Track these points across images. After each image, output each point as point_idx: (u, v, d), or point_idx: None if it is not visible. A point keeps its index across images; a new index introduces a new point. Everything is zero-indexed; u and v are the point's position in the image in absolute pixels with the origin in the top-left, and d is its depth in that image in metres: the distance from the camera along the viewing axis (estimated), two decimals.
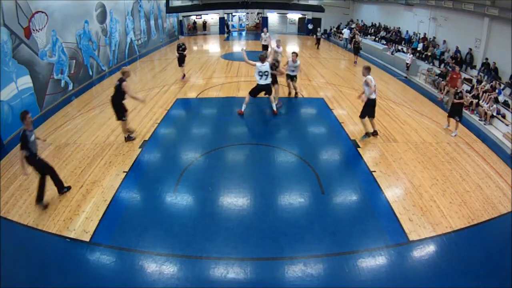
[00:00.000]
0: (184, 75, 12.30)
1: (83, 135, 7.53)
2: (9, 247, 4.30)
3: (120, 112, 6.94)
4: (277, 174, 6.06)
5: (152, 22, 19.82)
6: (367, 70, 7.12)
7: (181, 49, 11.65)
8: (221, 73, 13.37)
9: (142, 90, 11.07)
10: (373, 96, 7.04)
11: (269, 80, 8.30)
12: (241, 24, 30.45)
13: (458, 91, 7.67)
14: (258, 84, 8.32)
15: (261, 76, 8.19)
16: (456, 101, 7.65)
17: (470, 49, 12.04)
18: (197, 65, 15.01)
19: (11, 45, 7.80)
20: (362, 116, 7.26)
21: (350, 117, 8.79)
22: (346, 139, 7.47)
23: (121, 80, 6.70)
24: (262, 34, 15.14)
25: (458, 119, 7.76)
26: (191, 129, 8.08)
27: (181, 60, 11.83)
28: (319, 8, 17.80)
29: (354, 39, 16.26)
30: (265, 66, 8.15)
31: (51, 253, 4.21)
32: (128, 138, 7.22)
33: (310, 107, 9.71)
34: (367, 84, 6.98)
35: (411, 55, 13.85)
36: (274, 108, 8.64)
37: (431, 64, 13.71)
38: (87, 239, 4.41)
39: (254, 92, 8.50)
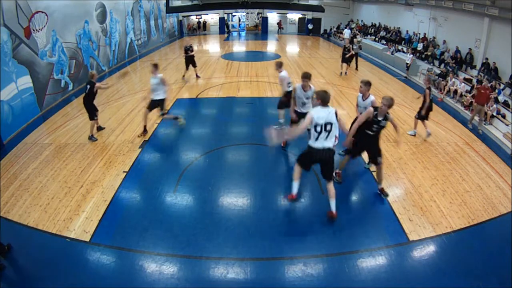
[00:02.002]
0: (197, 75, 12.47)
1: (83, 135, 7.53)
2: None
3: (92, 112, 7.26)
4: (277, 174, 6.06)
5: (152, 22, 19.83)
6: (367, 85, 5.58)
7: (190, 50, 11.62)
8: (221, 73, 13.38)
9: (142, 90, 11.06)
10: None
11: (331, 143, 4.40)
12: (240, 24, 30.46)
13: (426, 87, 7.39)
14: (310, 148, 4.47)
15: (319, 132, 4.33)
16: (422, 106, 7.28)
17: (470, 49, 12.04)
18: (197, 65, 14.99)
19: (11, 45, 7.80)
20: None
21: (350, 117, 8.78)
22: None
23: (92, 83, 7.07)
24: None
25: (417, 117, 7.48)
26: (191, 129, 8.08)
27: (190, 62, 11.90)
28: (319, 8, 17.81)
29: (345, 46, 12.98)
30: (329, 114, 4.30)
31: (51, 253, 4.21)
32: (92, 137, 7.33)
33: None
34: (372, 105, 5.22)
35: (411, 55, 13.86)
36: (333, 208, 4.71)
37: (431, 64, 13.72)
38: (87, 239, 4.41)
39: (303, 162, 4.74)
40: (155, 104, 7.25)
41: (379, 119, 4.87)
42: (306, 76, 5.67)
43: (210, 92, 10.76)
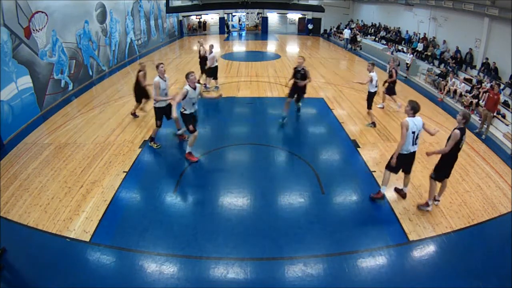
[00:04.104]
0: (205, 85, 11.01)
1: (83, 135, 7.53)
2: (9, 247, 4.29)
3: (137, 96, 8.21)
4: (277, 174, 6.06)
5: (152, 22, 19.83)
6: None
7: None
8: (221, 73, 13.34)
9: None
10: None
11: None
12: (241, 24, 30.47)
13: (389, 70, 9.28)
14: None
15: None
16: (389, 80, 9.15)
17: (470, 49, 12.04)
18: (197, 65, 14.99)
19: (11, 45, 7.80)
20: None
21: (350, 117, 8.80)
22: (346, 139, 7.47)
23: (139, 70, 7.90)
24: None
25: (394, 95, 9.38)
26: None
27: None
28: (319, 8, 17.79)
29: (296, 68, 8.18)
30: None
31: (51, 253, 4.22)
32: (134, 115, 8.52)
33: (310, 107, 9.71)
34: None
35: (411, 55, 13.85)
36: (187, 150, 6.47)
37: (431, 64, 13.72)
38: (87, 239, 4.41)
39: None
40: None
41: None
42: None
43: (210, 92, 10.75)
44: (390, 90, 9.38)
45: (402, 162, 5.09)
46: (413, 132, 4.89)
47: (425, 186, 5.71)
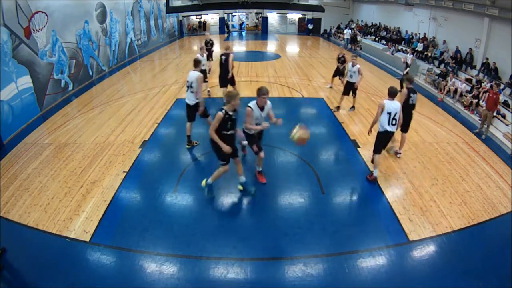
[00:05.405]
0: (210, 69, 11.85)
1: (83, 135, 7.53)
2: (9, 247, 4.28)
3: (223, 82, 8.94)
4: (277, 174, 6.05)
5: (152, 22, 19.83)
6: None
7: (209, 44, 12.36)
8: None
9: (142, 90, 11.07)
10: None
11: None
12: (241, 24, 30.48)
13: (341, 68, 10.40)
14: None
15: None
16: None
17: (470, 49, 12.04)
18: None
19: (11, 45, 7.80)
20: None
21: (350, 117, 8.80)
22: (346, 139, 7.47)
23: (227, 55, 8.38)
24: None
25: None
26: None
27: (209, 56, 12.20)
28: (319, 8, 17.80)
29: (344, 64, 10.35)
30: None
31: (51, 253, 4.21)
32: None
33: (310, 107, 9.72)
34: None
35: (411, 55, 13.85)
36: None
37: (431, 64, 13.72)
38: (87, 239, 4.41)
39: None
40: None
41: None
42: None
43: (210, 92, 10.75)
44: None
45: (382, 141, 5.74)
46: (389, 113, 5.43)
47: (425, 186, 5.71)
